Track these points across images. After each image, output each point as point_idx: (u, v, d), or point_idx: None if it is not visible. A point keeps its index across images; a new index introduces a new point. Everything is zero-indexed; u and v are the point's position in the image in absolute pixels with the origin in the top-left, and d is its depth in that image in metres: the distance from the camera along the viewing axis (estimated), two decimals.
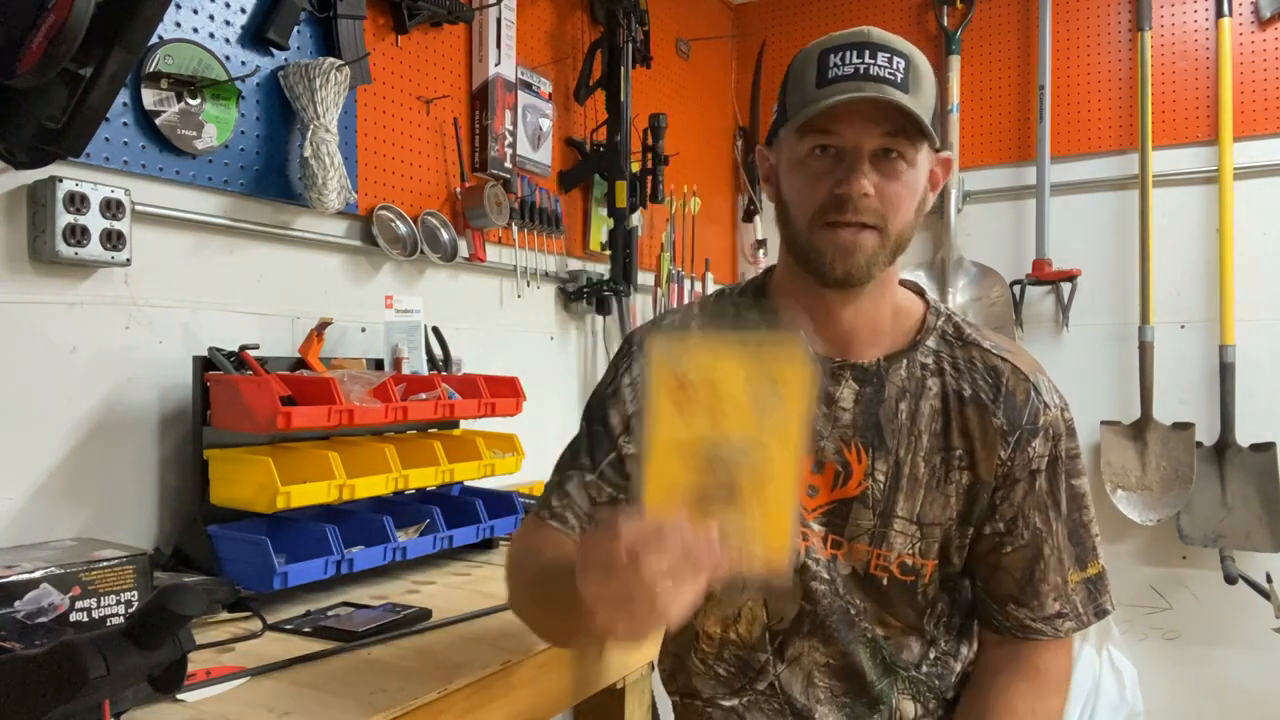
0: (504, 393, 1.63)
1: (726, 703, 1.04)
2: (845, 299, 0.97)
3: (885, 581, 0.97)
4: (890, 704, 1.00)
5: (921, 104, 0.90)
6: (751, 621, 1.02)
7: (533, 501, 1.33)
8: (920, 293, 1.06)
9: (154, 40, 1.33)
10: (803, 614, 0.99)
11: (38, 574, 0.93)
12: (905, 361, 0.99)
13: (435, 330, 1.71)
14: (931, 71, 0.94)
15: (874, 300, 0.98)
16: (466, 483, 1.61)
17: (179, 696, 0.91)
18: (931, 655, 1.01)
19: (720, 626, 1.03)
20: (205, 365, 1.32)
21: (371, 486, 1.33)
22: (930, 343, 1.01)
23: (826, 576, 0.98)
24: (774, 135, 0.99)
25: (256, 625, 1.15)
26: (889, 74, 0.88)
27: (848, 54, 0.90)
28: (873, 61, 0.89)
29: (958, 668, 1.04)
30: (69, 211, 1.20)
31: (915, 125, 0.89)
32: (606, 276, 2.30)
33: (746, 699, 1.03)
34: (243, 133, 1.48)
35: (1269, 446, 2.41)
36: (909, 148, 0.91)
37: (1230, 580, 2.37)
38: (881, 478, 0.97)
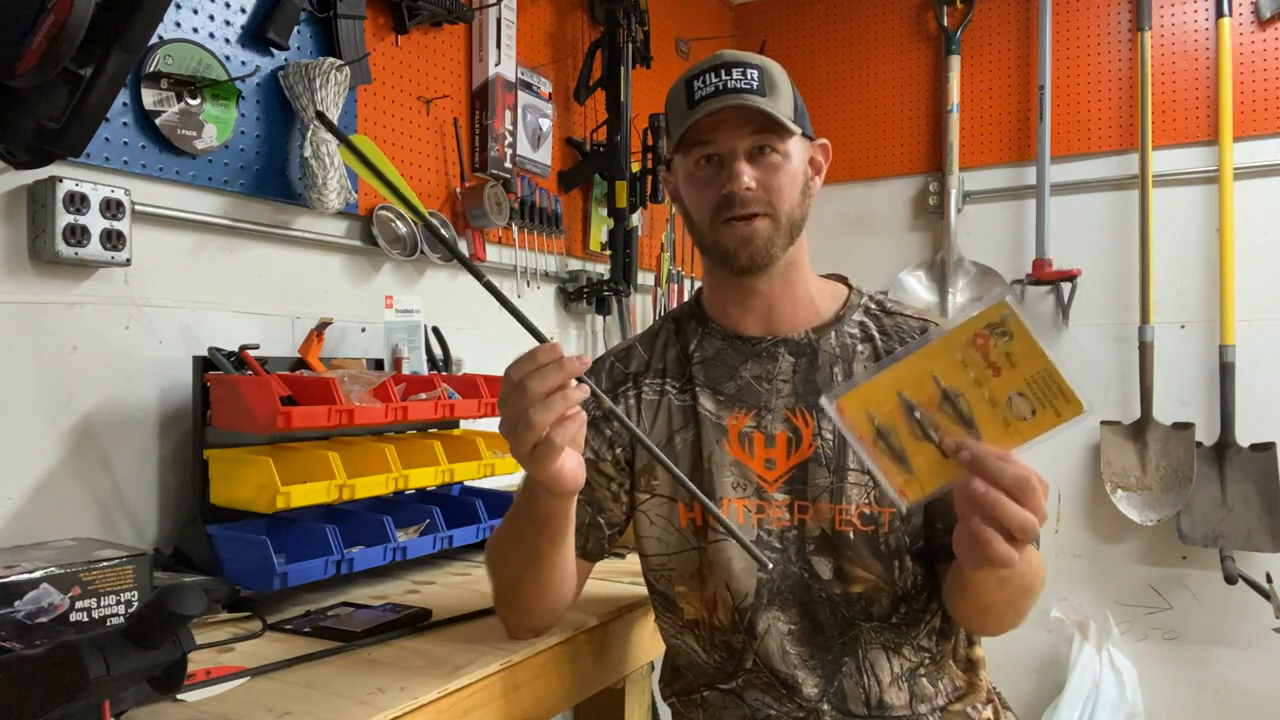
0: None
1: (725, 686, 1.09)
2: (760, 281, 1.09)
3: (851, 535, 1.03)
4: (857, 658, 1.04)
5: (779, 103, 1.03)
6: (724, 605, 1.06)
7: None
8: (844, 280, 1.18)
9: (154, 40, 1.33)
10: (760, 585, 1.04)
11: (38, 574, 0.92)
12: (833, 333, 1.11)
13: (435, 330, 1.71)
14: (786, 75, 1.07)
15: (787, 278, 1.10)
16: (466, 483, 1.61)
17: (179, 696, 0.91)
18: (902, 610, 1.05)
19: (706, 611, 1.08)
20: (205, 365, 1.32)
21: (371, 486, 1.33)
22: (855, 316, 1.13)
23: (779, 545, 1.05)
24: (670, 160, 1.13)
25: (256, 625, 1.15)
26: (745, 84, 1.02)
27: (708, 75, 1.03)
28: (729, 77, 1.02)
29: (928, 618, 1.07)
30: (69, 211, 1.20)
31: (777, 122, 1.02)
32: (606, 276, 2.30)
33: (741, 680, 1.07)
34: (243, 133, 1.48)
35: (1269, 446, 2.41)
36: (778, 141, 1.04)
37: (1230, 580, 2.37)
38: (829, 435, 1.06)
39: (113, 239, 1.25)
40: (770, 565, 1.00)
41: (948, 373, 0.82)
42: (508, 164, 2.04)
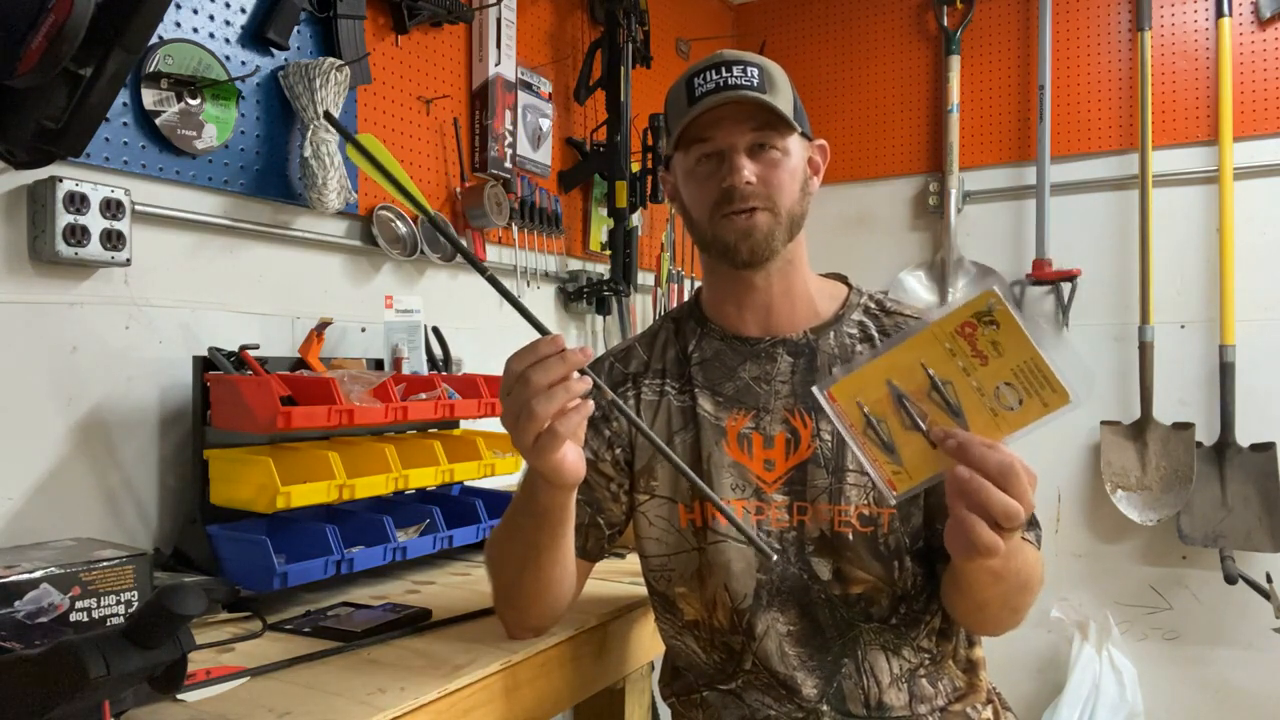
0: None
1: (725, 686, 1.09)
2: (759, 277, 1.09)
3: (850, 536, 1.03)
4: (857, 658, 1.04)
5: (779, 100, 1.03)
6: (724, 606, 1.07)
7: None
8: (844, 279, 1.19)
9: (154, 40, 1.33)
10: (760, 586, 1.05)
11: (38, 574, 0.92)
12: (832, 333, 1.11)
13: (435, 330, 1.71)
14: (785, 75, 1.08)
15: (786, 276, 1.10)
16: (466, 483, 1.61)
17: (179, 696, 0.91)
18: (902, 610, 1.05)
19: (706, 612, 1.08)
20: (205, 365, 1.32)
21: (371, 486, 1.33)
22: (855, 316, 1.13)
23: (778, 546, 1.04)
24: (670, 160, 1.13)
25: (256, 625, 1.15)
26: (745, 81, 1.03)
27: (708, 73, 1.04)
28: (729, 75, 1.03)
29: (928, 619, 1.07)
30: (69, 211, 1.20)
31: (777, 117, 1.03)
32: (606, 276, 2.30)
33: (740, 680, 1.07)
34: (243, 133, 1.48)
35: (1269, 446, 2.41)
36: (777, 138, 1.05)
37: (1230, 580, 2.37)
38: (828, 436, 1.06)
39: (113, 239, 1.25)
40: (775, 556, 1.00)
41: (936, 361, 0.82)
42: (508, 164, 2.04)
